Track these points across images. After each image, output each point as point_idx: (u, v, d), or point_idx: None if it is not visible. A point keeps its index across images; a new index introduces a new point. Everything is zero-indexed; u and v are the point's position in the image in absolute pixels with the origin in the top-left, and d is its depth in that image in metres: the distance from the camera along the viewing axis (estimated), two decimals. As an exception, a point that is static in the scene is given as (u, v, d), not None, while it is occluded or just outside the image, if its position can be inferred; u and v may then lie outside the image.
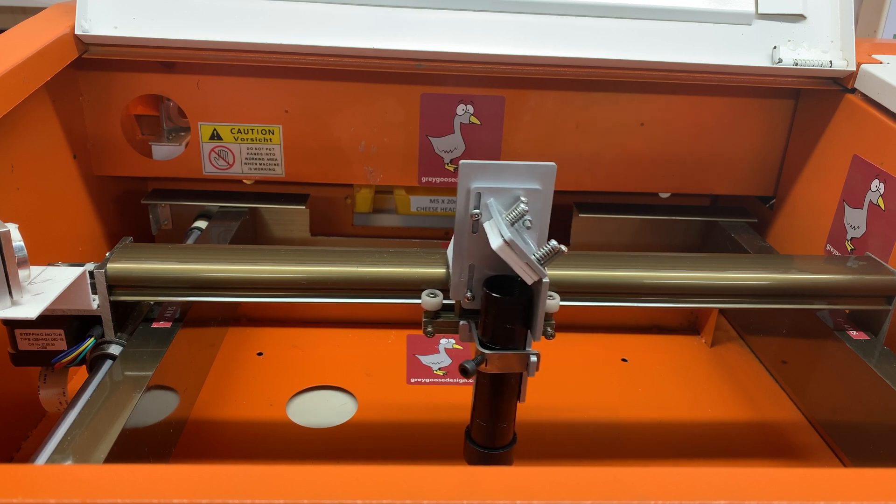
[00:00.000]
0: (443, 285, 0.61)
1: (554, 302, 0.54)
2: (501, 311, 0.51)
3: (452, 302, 0.57)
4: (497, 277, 0.53)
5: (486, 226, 0.50)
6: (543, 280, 0.48)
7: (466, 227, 0.52)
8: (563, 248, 0.47)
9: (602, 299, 0.66)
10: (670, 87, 0.86)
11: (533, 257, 0.47)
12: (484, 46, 0.77)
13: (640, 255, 0.69)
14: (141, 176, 0.91)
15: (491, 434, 0.56)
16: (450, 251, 0.59)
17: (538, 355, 0.52)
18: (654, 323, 1.00)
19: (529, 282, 0.49)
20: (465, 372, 0.51)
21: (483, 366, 0.52)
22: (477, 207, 0.51)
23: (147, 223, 0.92)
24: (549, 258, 0.48)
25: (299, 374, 0.86)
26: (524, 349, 0.52)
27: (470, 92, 0.86)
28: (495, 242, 0.48)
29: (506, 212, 0.51)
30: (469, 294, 0.54)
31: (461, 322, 0.56)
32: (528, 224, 0.50)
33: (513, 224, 0.50)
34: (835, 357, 0.68)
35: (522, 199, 0.50)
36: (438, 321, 0.57)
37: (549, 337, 0.54)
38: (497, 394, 0.54)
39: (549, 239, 0.49)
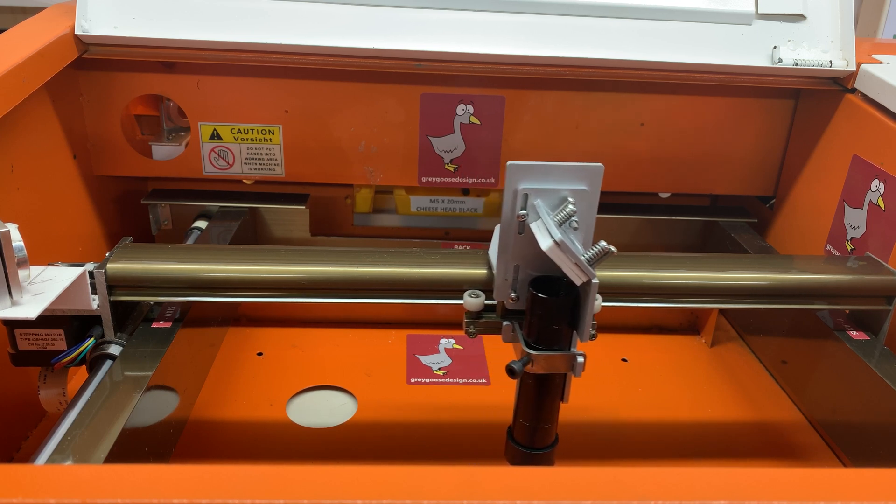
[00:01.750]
0: (443, 285, 0.61)
1: (598, 302, 0.54)
2: (548, 311, 0.51)
3: (494, 302, 0.57)
4: (541, 278, 0.53)
5: (534, 226, 0.50)
6: (593, 281, 0.48)
7: (513, 227, 0.52)
8: (613, 249, 0.48)
9: (603, 299, 0.66)
10: (670, 87, 0.86)
11: (583, 258, 0.47)
12: (484, 46, 0.77)
13: (640, 255, 0.69)
14: (141, 176, 0.91)
15: (533, 434, 0.56)
16: (492, 252, 0.59)
17: (584, 356, 0.52)
18: (654, 323, 1.00)
19: (578, 282, 0.48)
20: (512, 373, 0.51)
21: (529, 366, 0.52)
22: (524, 208, 0.51)
23: (147, 223, 0.92)
24: (599, 259, 0.48)
25: (299, 374, 0.86)
26: (570, 350, 0.52)
27: (470, 92, 0.86)
28: (545, 243, 0.48)
29: (553, 212, 0.50)
30: (514, 295, 0.54)
31: (504, 323, 0.56)
32: (574, 225, 0.50)
33: (560, 225, 0.50)
34: (835, 357, 0.68)
35: (570, 199, 0.50)
36: (480, 321, 0.57)
37: (592, 338, 0.54)
38: (541, 394, 0.54)
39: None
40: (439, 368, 0.89)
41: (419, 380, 0.87)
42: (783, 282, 0.67)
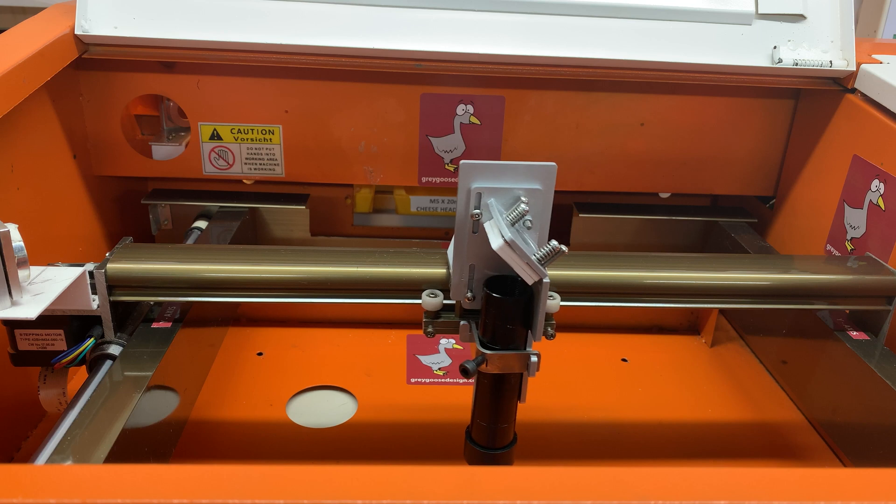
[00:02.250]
0: (443, 285, 0.61)
1: (554, 302, 0.54)
2: (502, 311, 0.51)
3: (453, 302, 0.57)
4: (497, 278, 0.53)
5: (487, 226, 0.50)
6: (544, 280, 0.48)
7: (467, 227, 0.52)
8: (564, 248, 0.47)
9: (602, 299, 0.66)
10: (670, 87, 0.86)
11: (533, 257, 0.47)
12: (484, 46, 0.77)
13: (640, 255, 0.69)
14: (141, 176, 0.91)
15: (492, 434, 0.56)
16: (450, 251, 0.59)
17: (538, 355, 0.52)
18: (654, 323, 1.00)
19: (530, 282, 0.49)
20: (465, 372, 0.51)
21: (484, 366, 0.52)
22: (477, 207, 0.51)
23: (147, 223, 0.92)
24: (550, 258, 0.48)
25: (299, 374, 0.86)
26: (525, 349, 0.52)
27: (470, 92, 0.86)
28: (496, 242, 0.48)
29: (506, 212, 0.51)
30: (469, 294, 0.54)
31: (462, 322, 0.56)
32: (528, 224, 0.50)
33: (513, 224, 0.50)
34: (835, 357, 0.68)
35: (523, 199, 0.50)
36: (439, 321, 0.57)
37: (549, 337, 0.54)
38: (497, 394, 0.54)
39: (549, 239, 0.49)
40: (439, 368, 0.89)
41: (419, 380, 0.87)
42: (783, 282, 0.67)
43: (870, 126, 0.76)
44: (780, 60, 0.79)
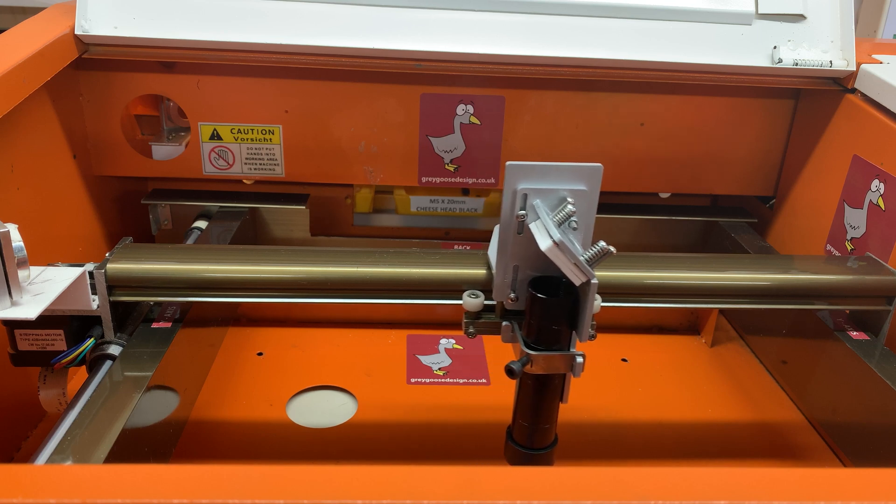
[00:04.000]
0: (443, 285, 0.61)
1: (598, 303, 0.54)
2: (548, 311, 0.51)
3: (493, 303, 0.57)
4: (541, 278, 0.53)
5: (533, 227, 0.50)
6: (592, 281, 0.48)
7: (512, 227, 0.52)
8: (612, 249, 0.48)
9: (603, 299, 0.66)
10: (670, 87, 0.86)
11: (582, 258, 0.47)
12: (484, 46, 0.77)
13: (640, 255, 0.69)
14: (141, 176, 0.91)
15: (532, 434, 0.56)
16: (491, 252, 0.59)
17: (583, 356, 0.52)
18: (654, 323, 1.00)
19: (577, 283, 0.48)
20: (511, 373, 0.51)
21: (529, 366, 0.52)
22: (523, 208, 0.51)
23: (147, 223, 0.92)
24: (598, 259, 0.48)
25: (299, 374, 0.86)
26: (569, 350, 0.52)
27: (470, 92, 0.86)
28: (544, 244, 0.48)
29: (552, 213, 0.50)
30: (513, 295, 0.54)
31: (504, 323, 0.56)
32: (574, 225, 0.50)
33: (559, 225, 0.50)
34: (835, 357, 0.68)
35: (570, 199, 0.50)
36: (480, 322, 0.57)
37: (591, 338, 0.54)
38: (540, 394, 0.54)
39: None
40: (439, 368, 0.89)
41: (419, 380, 0.87)
42: (783, 282, 0.67)
43: (870, 126, 0.76)
44: (780, 60, 0.79)
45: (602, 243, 0.48)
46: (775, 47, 0.80)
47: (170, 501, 0.30)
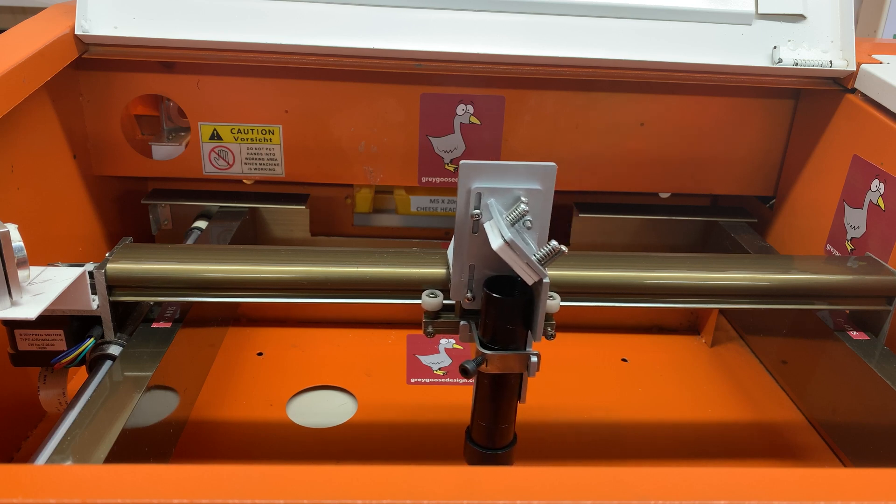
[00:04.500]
0: (443, 285, 0.61)
1: (554, 302, 0.54)
2: (502, 311, 0.51)
3: (453, 302, 0.57)
4: (497, 278, 0.53)
5: (487, 226, 0.50)
6: (544, 280, 0.48)
7: (467, 227, 0.52)
8: (564, 248, 0.47)
9: (602, 299, 0.66)
10: (670, 87, 0.86)
11: (533, 257, 0.47)
12: (484, 46, 0.77)
13: (640, 255, 0.69)
14: (141, 176, 0.91)
15: (491, 434, 0.56)
16: (450, 251, 0.59)
17: (538, 356, 0.52)
18: (654, 323, 1.00)
19: (530, 282, 0.49)
20: (465, 372, 0.51)
21: (483, 366, 0.52)
22: (477, 208, 0.51)
23: (147, 223, 0.92)
24: (550, 258, 0.48)
25: (299, 374, 0.86)
26: (525, 349, 0.52)
27: (470, 92, 0.86)
28: (496, 243, 0.48)
29: (506, 212, 0.51)
30: (469, 294, 0.54)
31: (461, 322, 0.56)
32: (528, 224, 0.50)
33: (513, 224, 0.50)
34: (835, 357, 0.68)
35: (523, 199, 0.50)
36: (439, 321, 0.57)
37: (549, 337, 0.54)
38: (497, 394, 0.54)
39: (549, 239, 0.49)
40: (439, 368, 0.89)
41: (419, 380, 0.87)
42: (783, 282, 0.67)
43: (870, 126, 0.76)
44: (780, 60, 0.79)
45: (553, 242, 0.48)
46: (775, 47, 0.80)
47: (170, 501, 0.30)
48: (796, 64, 0.79)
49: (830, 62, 0.79)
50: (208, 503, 0.30)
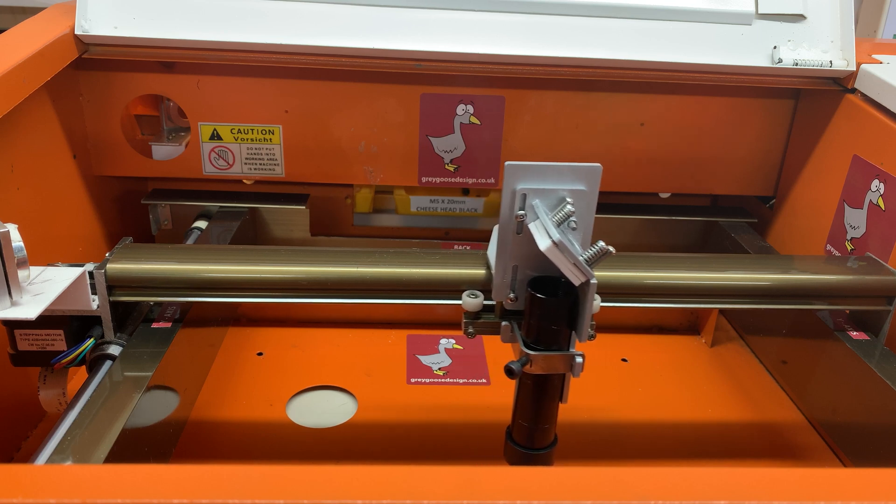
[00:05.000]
0: (443, 285, 0.61)
1: (597, 303, 0.54)
2: (547, 311, 0.51)
3: (493, 303, 0.57)
4: (540, 278, 0.53)
5: (532, 227, 0.50)
6: (591, 281, 0.48)
7: (511, 227, 0.52)
8: (612, 249, 0.48)
9: (602, 299, 0.66)
10: (670, 87, 0.86)
11: (581, 258, 0.47)
12: (484, 46, 0.77)
13: (640, 255, 0.69)
14: (141, 176, 0.91)
15: (532, 434, 0.56)
16: (490, 252, 0.59)
17: (583, 356, 0.52)
18: (654, 323, 1.00)
19: (577, 283, 0.48)
20: (510, 373, 0.51)
21: (528, 366, 0.52)
22: (522, 208, 0.51)
23: (147, 223, 0.92)
24: (597, 259, 0.48)
25: (299, 374, 0.86)
26: (568, 350, 0.52)
27: (470, 92, 0.86)
28: (543, 244, 0.48)
29: (552, 213, 0.50)
30: (512, 295, 0.54)
31: (503, 323, 0.56)
32: (573, 225, 0.50)
33: (559, 225, 0.50)
34: (835, 357, 0.68)
35: (569, 199, 0.50)
36: (479, 322, 0.57)
37: (591, 338, 0.54)
38: (540, 394, 0.54)
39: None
40: (439, 368, 0.89)
41: (419, 380, 0.87)
42: (783, 282, 0.67)
43: (870, 126, 0.76)
44: (780, 60, 0.79)
45: (601, 243, 0.48)
46: (775, 47, 0.80)
47: (170, 501, 0.30)
48: (796, 64, 0.79)
49: (830, 62, 0.79)
50: (208, 503, 0.30)
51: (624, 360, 0.93)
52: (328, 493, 0.31)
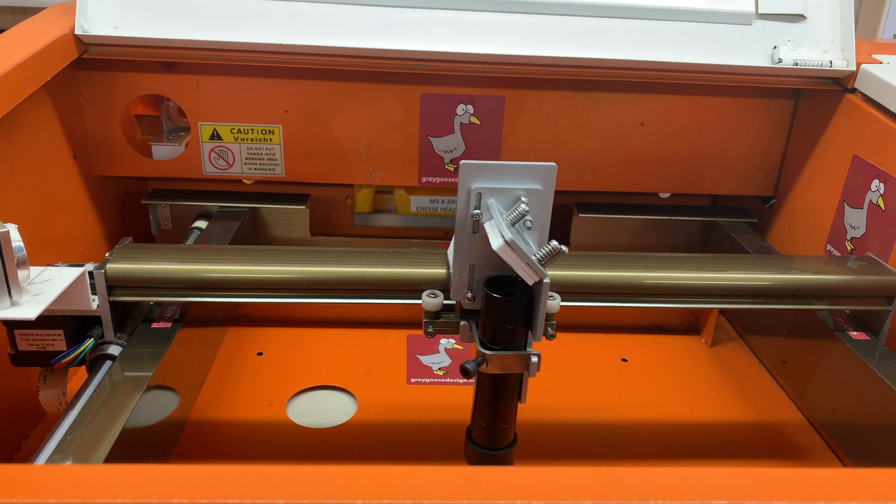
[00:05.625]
0: (443, 285, 0.61)
1: (554, 302, 0.54)
2: (502, 311, 0.51)
3: (453, 302, 0.57)
4: (498, 278, 0.53)
5: (487, 226, 0.50)
6: (544, 280, 0.48)
7: (467, 227, 0.52)
8: (564, 248, 0.47)
9: (602, 299, 0.66)
10: (670, 87, 0.86)
11: (534, 258, 0.47)
12: (484, 46, 0.77)
13: (640, 255, 0.69)
14: (141, 176, 0.91)
15: (492, 434, 0.56)
16: (450, 251, 0.59)
17: (539, 356, 0.52)
18: (654, 323, 1.00)
19: (530, 282, 0.49)
20: (465, 372, 0.51)
21: (484, 366, 0.52)
22: (478, 208, 0.51)
23: (147, 223, 0.92)
24: (550, 258, 0.48)
25: (299, 374, 0.86)
26: (525, 350, 0.52)
27: (470, 92, 0.86)
28: (496, 243, 0.48)
29: (506, 212, 0.51)
30: (470, 294, 0.54)
31: (462, 322, 0.56)
32: (528, 224, 0.50)
33: (513, 224, 0.50)
34: (835, 357, 0.68)
35: (523, 199, 0.50)
36: (439, 321, 0.57)
37: (549, 337, 0.54)
38: (498, 394, 0.54)
39: (549, 239, 0.49)
40: (439, 368, 0.89)
41: (419, 380, 0.87)
42: (783, 282, 0.67)
43: (870, 126, 0.76)
44: (780, 60, 0.79)
45: (554, 242, 0.48)
46: (775, 47, 0.80)
47: (170, 501, 0.30)
48: (796, 64, 0.79)
49: (830, 62, 0.79)
50: (208, 503, 0.30)
51: (624, 360, 0.93)
52: (328, 493, 0.31)
